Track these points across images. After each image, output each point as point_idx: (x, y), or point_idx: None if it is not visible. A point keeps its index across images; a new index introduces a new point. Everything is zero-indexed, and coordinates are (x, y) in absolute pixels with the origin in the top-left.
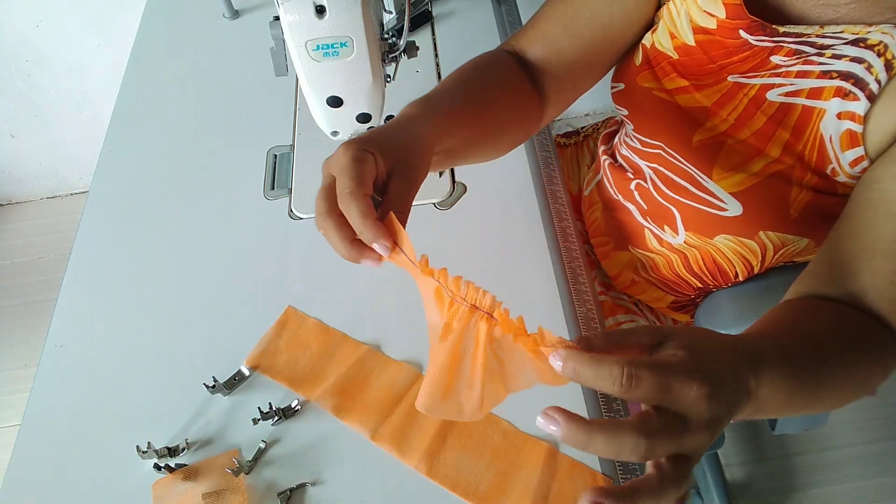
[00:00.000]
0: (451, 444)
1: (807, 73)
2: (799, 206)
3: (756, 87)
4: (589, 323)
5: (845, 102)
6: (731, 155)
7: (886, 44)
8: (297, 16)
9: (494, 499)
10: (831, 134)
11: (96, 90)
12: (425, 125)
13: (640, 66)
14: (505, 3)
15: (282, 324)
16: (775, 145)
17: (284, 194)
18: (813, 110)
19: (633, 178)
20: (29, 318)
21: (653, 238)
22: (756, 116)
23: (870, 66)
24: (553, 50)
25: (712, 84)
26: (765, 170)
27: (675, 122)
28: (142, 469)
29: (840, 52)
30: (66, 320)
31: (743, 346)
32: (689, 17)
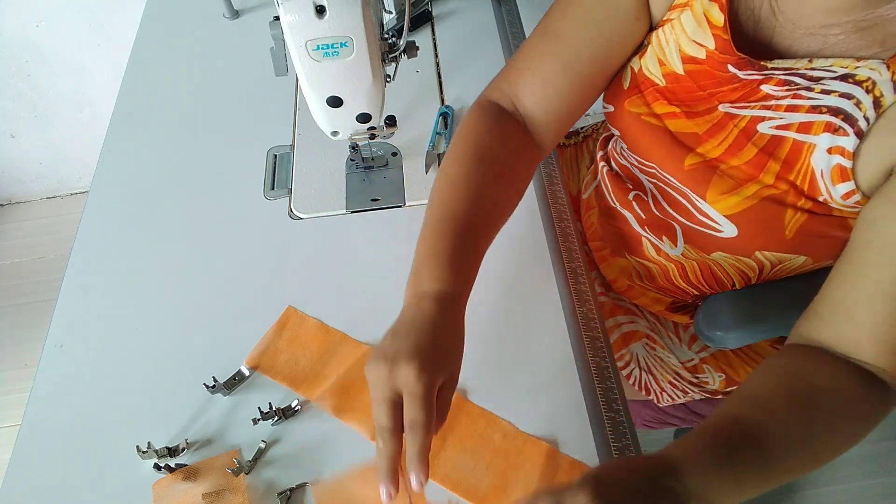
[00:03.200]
0: (452, 444)
1: (797, 108)
2: (794, 228)
3: (747, 118)
4: (589, 323)
5: (835, 137)
6: (723, 179)
7: (874, 80)
8: (297, 16)
9: (494, 499)
10: (822, 168)
11: (96, 90)
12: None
13: (627, 89)
14: (505, 3)
15: (282, 324)
16: (768, 174)
17: (284, 194)
18: (803, 144)
19: (632, 188)
20: (29, 318)
21: (650, 247)
22: (747, 147)
23: (858, 103)
24: (554, 93)
25: (703, 112)
26: (758, 194)
27: (665, 146)
28: (142, 469)
29: (829, 88)
30: (65, 320)
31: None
32: (678, 45)
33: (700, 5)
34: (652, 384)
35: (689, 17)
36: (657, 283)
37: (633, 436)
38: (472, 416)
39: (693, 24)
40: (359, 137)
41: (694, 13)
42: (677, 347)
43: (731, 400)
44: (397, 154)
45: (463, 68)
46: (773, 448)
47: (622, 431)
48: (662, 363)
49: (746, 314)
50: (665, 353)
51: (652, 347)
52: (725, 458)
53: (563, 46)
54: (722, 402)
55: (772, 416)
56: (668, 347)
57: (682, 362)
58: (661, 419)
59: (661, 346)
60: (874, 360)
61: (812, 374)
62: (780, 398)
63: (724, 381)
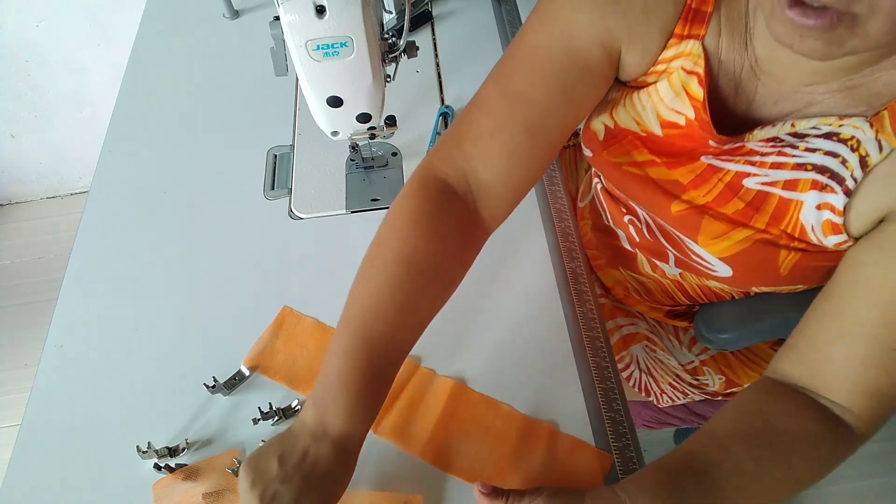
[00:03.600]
0: (454, 430)
1: (782, 165)
2: (788, 266)
3: (732, 172)
4: (589, 323)
5: (823, 195)
6: (713, 224)
7: (859, 139)
8: (297, 16)
9: (499, 482)
10: (812, 223)
11: (96, 90)
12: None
13: (604, 141)
14: (505, 3)
15: (278, 324)
16: (758, 222)
17: (284, 194)
18: (790, 201)
19: (626, 212)
20: (29, 318)
21: (646, 263)
22: (733, 201)
23: (844, 161)
24: (517, 163)
25: (685, 162)
26: (750, 238)
27: (650, 193)
28: (142, 469)
29: (814, 146)
30: (65, 320)
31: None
32: (655, 111)
33: (678, 77)
34: (652, 386)
35: (667, 87)
36: (654, 297)
37: (633, 436)
38: (473, 402)
39: (671, 95)
40: (359, 137)
41: (671, 84)
42: (677, 350)
43: (694, 435)
44: (397, 154)
45: (463, 68)
46: (724, 485)
47: (622, 431)
48: (662, 365)
49: (746, 317)
50: (665, 355)
51: (652, 349)
52: (673, 495)
53: (532, 112)
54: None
55: (726, 453)
56: (668, 350)
57: (682, 364)
58: (660, 419)
59: (661, 349)
60: (844, 400)
61: (775, 415)
62: (737, 436)
63: (724, 383)
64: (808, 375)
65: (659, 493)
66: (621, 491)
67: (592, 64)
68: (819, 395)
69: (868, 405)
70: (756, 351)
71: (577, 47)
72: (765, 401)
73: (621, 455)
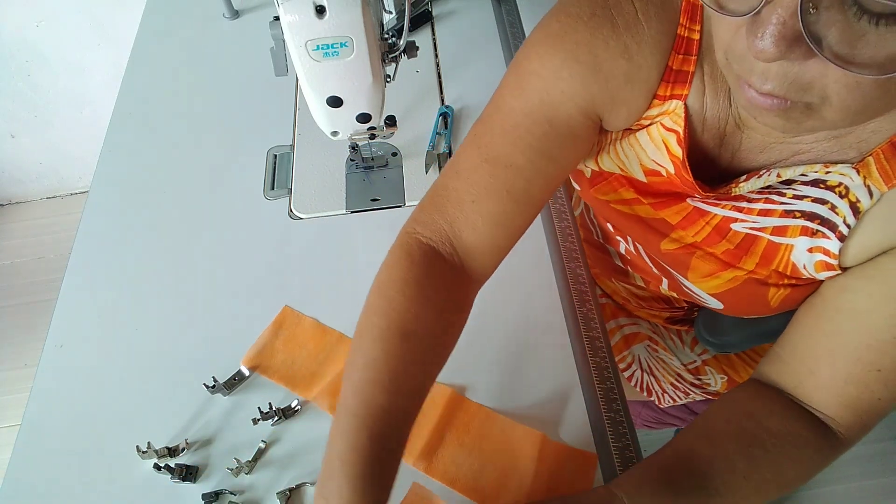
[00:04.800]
0: (449, 440)
1: (770, 212)
2: (779, 300)
3: (719, 217)
4: (589, 323)
5: (814, 240)
6: (702, 264)
7: (847, 186)
8: (297, 16)
9: (493, 493)
10: (804, 263)
11: (96, 90)
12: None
13: (590, 179)
14: (505, 3)
15: (278, 324)
16: (747, 264)
17: (284, 194)
18: (780, 245)
19: (616, 234)
20: (29, 318)
21: (639, 278)
22: (721, 243)
23: (834, 207)
24: (501, 226)
25: (671, 203)
26: (739, 278)
27: (640, 230)
28: (142, 469)
29: (801, 193)
30: (66, 320)
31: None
32: (638, 160)
33: (657, 132)
34: (653, 385)
35: (647, 139)
36: (651, 304)
37: (633, 436)
38: (470, 413)
39: (652, 147)
40: (359, 137)
41: (651, 137)
42: (679, 349)
43: (684, 432)
44: (397, 154)
45: (463, 68)
46: (717, 483)
47: (622, 431)
48: (664, 365)
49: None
50: (667, 354)
51: (654, 349)
52: (667, 491)
53: (513, 178)
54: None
55: (718, 451)
56: (670, 349)
57: (684, 364)
58: (661, 419)
59: (663, 348)
60: (827, 409)
61: (764, 416)
62: (729, 435)
63: (726, 383)
64: (792, 384)
65: (655, 492)
66: (617, 489)
67: (574, 128)
68: (803, 403)
69: (850, 417)
70: (759, 351)
71: (557, 114)
72: (755, 401)
73: (621, 455)
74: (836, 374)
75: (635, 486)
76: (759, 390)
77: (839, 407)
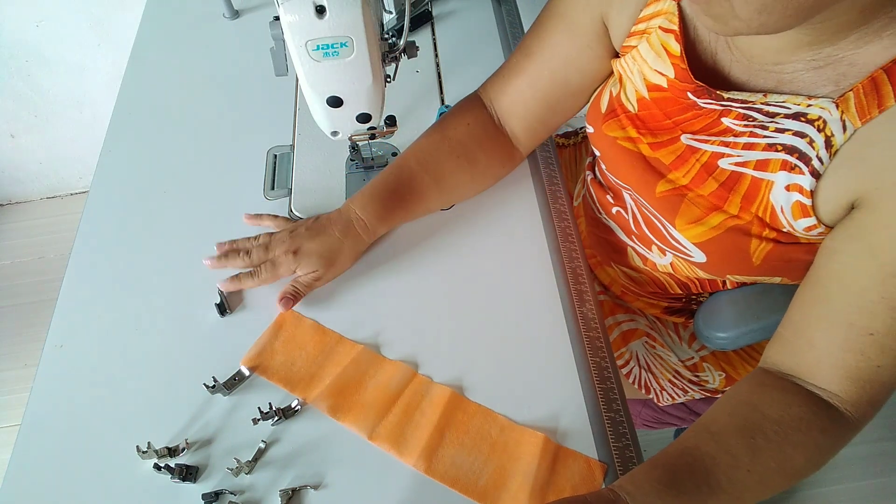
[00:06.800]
0: (449, 440)
1: (753, 146)
2: (760, 256)
3: (708, 153)
4: (589, 323)
5: (791, 175)
6: (691, 208)
7: (825, 120)
8: (297, 16)
9: (494, 493)
10: (782, 204)
11: (96, 90)
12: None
13: (605, 114)
14: (505, 3)
15: (278, 325)
16: (731, 205)
17: (284, 194)
18: (761, 181)
19: (614, 202)
20: (29, 318)
21: (636, 257)
22: (708, 181)
23: (811, 141)
24: (519, 101)
25: (667, 143)
26: (723, 224)
27: (640, 171)
28: (142, 469)
29: (783, 126)
30: (66, 320)
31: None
32: (642, 74)
33: (657, 37)
34: (652, 383)
35: (647, 47)
36: (648, 289)
37: (633, 436)
38: (469, 413)
39: (652, 55)
40: (359, 137)
41: (651, 44)
42: (677, 346)
43: (689, 430)
44: (397, 154)
45: (463, 68)
46: (721, 479)
47: (622, 431)
48: (662, 361)
49: (745, 316)
50: (665, 351)
51: (652, 346)
52: (669, 490)
53: (531, 65)
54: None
55: (721, 446)
56: (668, 346)
57: (682, 360)
58: (661, 419)
59: (661, 345)
60: (829, 385)
61: (767, 405)
62: (731, 429)
63: (725, 380)
64: (794, 363)
65: (657, 491)
66: (620, 490)
67: (599, 33)
68: (807, 382)
69: (853, 389)
70: (757, 348)
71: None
72: (756, 392)
73: (621, 455)
74: (832, 343)
75: (637, 486)
76: (762, 380)
77: (841, 380)
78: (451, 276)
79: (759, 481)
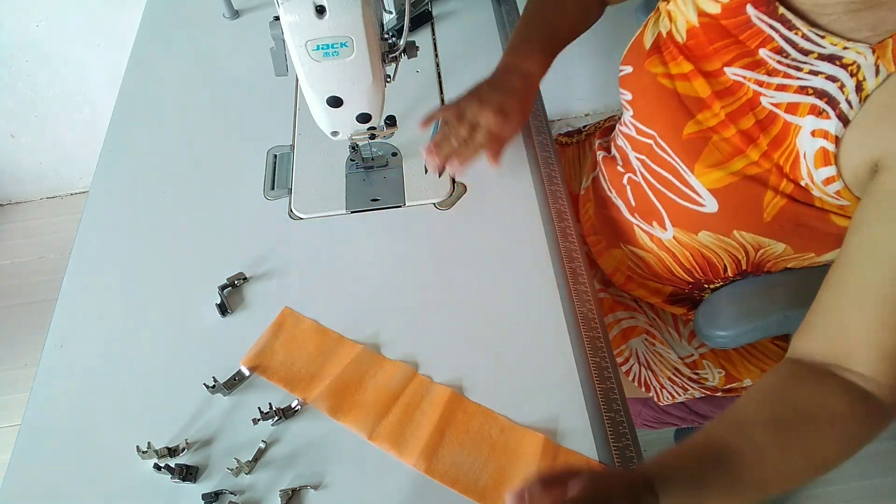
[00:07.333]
0: (449, 440)
1: (786, 87)
2: (773, 211)
3: (752, 91)
4: (589, 323)
5: (818, 120)
6: (714, 151)
7: (859, 64)
8: (297, 16)
9: (493, 493)
10: (806, 150)
11: (96, 90)
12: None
13: (649, 50)
14: (505, 4)
15: (278, 325)
16: (756, 149)
17: (284, 194)
18: (790, 125)
19: (624, 171)
20: (29, 318)
21: (643, 234)
22: (748, 116)
23: (842, 86)
24: None
25: (714, 74)
26: (743, 171)
27: (671, 110)
28: (142, 469)
29: (816, 69)
30: (66, 320)
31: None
32: (695, 4)
33: None
34: (651, 380)
35: None
36: (653, 270)
37: (633, 436)
38: (469, 414)
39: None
40: (359, 137)
41: None
42: (676, 342)
43: (717, 420)
44: (397, 154)
45: (463, 68)
46: (746, 472)
47: (622, 431)
48: (662, 358)
49: (745, 314)
50: (664, 348)
51: (651, 343)
52: (697, 481)
53: None
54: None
55: (748, 441)
56: (668, 343)
57: (681, 357)
58: (661, 419)
59: (661, 342)
60: (864, 368)
61: (798, 397)
62: (760, 423)
63: (724, 378)
64: (826, 348)
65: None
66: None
67: None
68: (840, 368)
69: (889, 370)
70: (756, 345)
71: None
72: (787, 384)
73: (621, 455)
74: (866, 322)
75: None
76: (792, 370)
77: (876, 360)
78: (452, 276)
79: (786, 477)
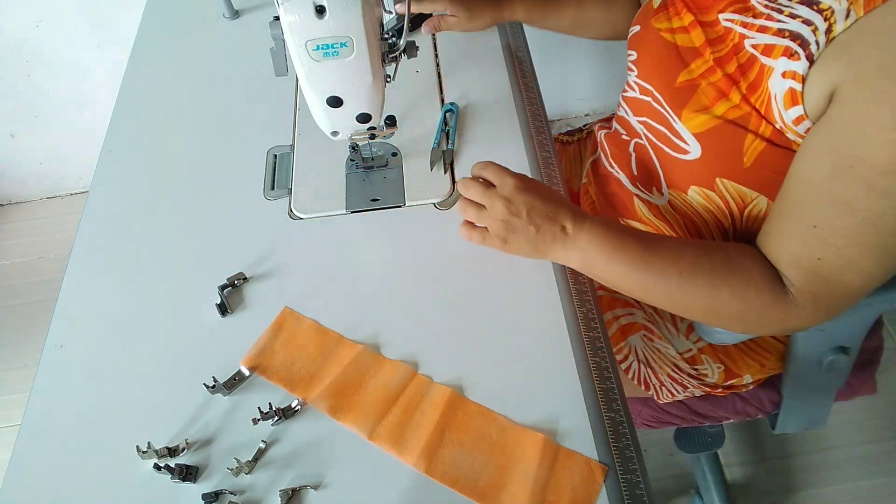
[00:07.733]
0: (449, 440)
1: (766, 29)
2: (752, 156)
3: (737, 35)
4: (589, 322)
5: (790, 62)
6: (700, 97)
7: (834, 9)
8: (297, 16)
9: (493, 493)
10: (776, 92)
11: (96, 90)
12: None
13: (657, 9)
14: None
15: (278, 325)
16: (737, 92)
17: (284, 194)
18: (765, 67)
19: (629, 138)
20: (29, 318)
21: (641, 205)
22: (732, 61)
23: (815, 29)
24: None
25: (710, 24)
26: (725, 114)
27: (669, 63)
28: (142, 469)
29: (796, 12)
30: (66, 320)
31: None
32: None
33: None
34: (651, 378)
35: None
36: None
37: (633, 436)
38: (469, 414)
39: None
40: (359, 137)
41: None
42: (675, 337)
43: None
44: (397, 154)
45: (463, 68)
46: (655, 261)
47: (622, 431)
48: (661, 355)
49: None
50: (663, 344)
51: (650, 339)
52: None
53: None
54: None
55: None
56: (666, 338)
57: (680, 353)
58: (661, 419)
59: (659, 337)
60: (780, 266)
61: (736, 252)
62: (691, 244)
63: (724, 374)
64: (761, 245)
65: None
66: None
67: None
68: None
69: (797, 276)
70: (758, 341)
71: None
72: (735, 244)
73: (621, 455)
74: (781, 231)
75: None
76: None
77: (788, 265)
78: (451, 275)
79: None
